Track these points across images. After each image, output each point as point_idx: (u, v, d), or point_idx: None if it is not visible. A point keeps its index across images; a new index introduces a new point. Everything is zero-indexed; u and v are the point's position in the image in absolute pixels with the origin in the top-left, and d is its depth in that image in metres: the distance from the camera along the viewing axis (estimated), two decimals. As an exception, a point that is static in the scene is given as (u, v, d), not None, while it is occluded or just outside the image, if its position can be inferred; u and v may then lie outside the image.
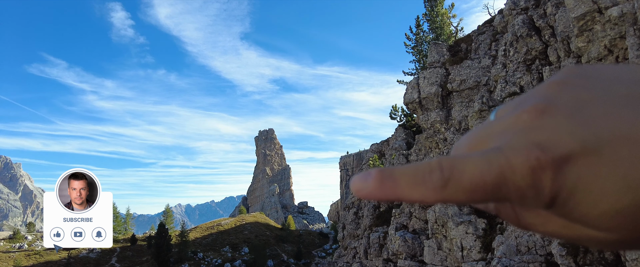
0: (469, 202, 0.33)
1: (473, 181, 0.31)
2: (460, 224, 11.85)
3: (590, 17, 9.45)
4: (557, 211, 0.33)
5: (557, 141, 0.31)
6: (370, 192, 0.33)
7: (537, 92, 0.36)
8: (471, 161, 0.32)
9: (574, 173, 0.30)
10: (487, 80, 16.16)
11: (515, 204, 0.34)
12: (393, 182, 0.32)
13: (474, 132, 0.38)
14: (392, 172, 0.33)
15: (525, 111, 0.34)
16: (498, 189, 0.31)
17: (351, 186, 0.34)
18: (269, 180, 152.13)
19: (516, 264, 9.12)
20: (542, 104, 0.34)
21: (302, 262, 65.92)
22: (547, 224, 0.35)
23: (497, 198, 0.32)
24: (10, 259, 57.68)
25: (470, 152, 0.34)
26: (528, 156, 0.31)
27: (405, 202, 0.33)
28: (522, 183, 0.31)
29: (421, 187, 0.32)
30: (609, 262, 7.71)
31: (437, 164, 0.32)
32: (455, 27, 29.87)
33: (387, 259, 16.61)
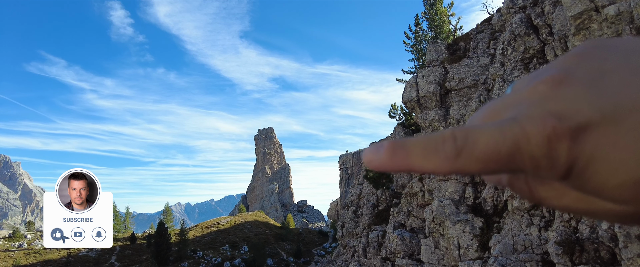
0: (482, 172, 0.32)
1: (487, 151, 0.31)
2: (457, 223, 11.86)
3: (587, 15, 9.44)
4: (573, 183, 0.32)
5: (575, 110, 0.31)
6: (382, 163, 0.33)
7: (555, 64, 0.36)
8: (485, 131, 0.31)
9: (591, 143, 0.30)
10: (486, 79, 16.15)
11: (529, 175, 0.34)
12: (405, 152, 0.32)
13: (490, 105, 0.37)
14: (404, 142, 0.33)
15: (542, 82, 0.34)
16: (512, 158, 0.31)
17: (363, 157, 0.34)
18: (269, 179, 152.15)
19: (513, 263, 9.12)
20: (559, 74, 0.34)
21: (302, 261, 65.98)
22: (561, 197, 0.35)
23: (511, 168, 0.31)
24: (9, 257, 57.71)
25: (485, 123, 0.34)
26: (544, 125, 0.30)
27: (417, 172, 0.33)
28: (537, 153, 0.30)
29: (434, 157, 0.32)
30: (605, 261, 7.72)
31: (450, 134, 0.32)
32: (454, 25, 29.86)
33: (385, 257, 16.62)
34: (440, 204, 12.75)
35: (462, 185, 13.58)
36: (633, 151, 0.29)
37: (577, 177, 0.31)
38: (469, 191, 13.30)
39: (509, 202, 10.65)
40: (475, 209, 12.46)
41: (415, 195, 16.42)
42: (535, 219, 9.99)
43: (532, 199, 0.37)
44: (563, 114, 0.31)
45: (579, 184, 0.32)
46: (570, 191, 0.34)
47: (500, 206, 11.83)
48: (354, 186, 31.47)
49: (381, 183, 24.08)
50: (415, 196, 16.53)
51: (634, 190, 0.30)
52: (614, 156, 0.29)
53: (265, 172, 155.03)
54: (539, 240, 9.52)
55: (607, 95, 0.31)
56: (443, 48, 19.50)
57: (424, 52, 30.31)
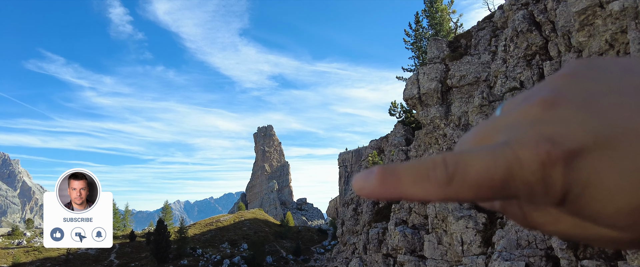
0: (474, 200, 0.31)
1: (479, 177, 0.29)
2: (460, 219, 11.87)
3: (591, 11, 9.43)
4: (568, 209, 0.31)
5: (568, 134, 0.29)
6: (372, 191, 0.32)
7: (545, 85, 0.34)
8: (477, 156, 0.30)
9: (587, 168, 0.29)
10: (487, 76, 16.14)
11: (524, 201, 0.32)
12: (396, 179, 0.31)
13: (479, 128, 0.36)
14: (394, 169, 0.32)
15: (533, 104, 0.32)
16: (506, 185, 0.29)
17: (353, 185, 0.33)
18: (268, 176, 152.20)
19: (516, 258, 9.14)
20: (550, 96, 0.32)
21: (301, 259, 66.04)
22: (556, 223, 0.33)
23: (505, 195, 0.30)
24: (9, 255, 57.68)
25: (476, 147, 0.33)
26: (537, 149, 0.29)
27: (408, 200, 0.32)
28: (532, 178, 0.29)
29: (425, 184, 0.30)
30: (609, 256, 7.73)
31: (441, 160, 0.31)
32: (455, 22, 29.84)
33: (387, 254, 16.65)
34: (443, 200, 12.75)
35: (464, 181, 13.47)
36: (629, 176, 0.28)
37: (573, 203, 0.30)
38: (471, 188, 13.18)
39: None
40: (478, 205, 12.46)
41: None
42: (538, 214, 9.99)
43: (526, 224, 0.36)
44: (556, 138, 0.30)
45: (575, 210, 0.31)
46: (567, 217, 0.32)
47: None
48: (354, 183, 31.45)
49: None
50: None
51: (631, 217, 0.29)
52: (610, 181, 0.28)
53: (264, 170, 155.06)
54: (543, 235, 9.53)
55: (601, 117, 0.29)
56: (444, 45, 19.48)
57: (424, 50, 30.29)
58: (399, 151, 21.43)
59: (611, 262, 7.62)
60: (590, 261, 7.77)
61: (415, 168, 0.31)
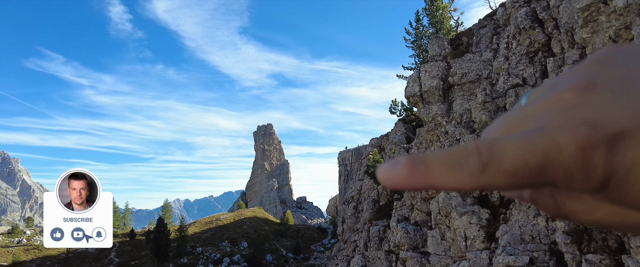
0: (509, 188, 0.30)
1: (515, 164, 0.29)
2: (463, 215, 11.90)
3: (595, 7, 9.45)
4: (608, 195, 0.30)
5: (609, 118, 0.29)
6: (400, 181, 0.31)
7: (577, 71, 0.34)
8: (511, 143, 0.29)
9: (631, 152, 0.28)
10: (489, 74, 16.17)
11: (560, 189, 0.31)
12: (425, 169, 0.30)
13: (506, 117, 0.35)
14: (423, 158, 0.31)
15: (568, 89, 0.32)
16: (543, 171, 0.29)
17: (379, 175, 0.32)
18: (268, 175, 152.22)
19: (520, 253, 9.17)
20: (585, 81, 0.32)
21: (301, 257, 66.10)
22: (593, 212, 0.33)
23: (541, 182, 0.30)
24: (9, 253, 57.66)
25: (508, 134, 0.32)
26: (576, 134, 0.29)
27: (438, 190, 0.31)
28: (571, 164, 0.28)
29: (457, 172, 0.30)
30: (613, 250, 7.76)
31: (474, 147, 0.30)
32: (456, 20, 29.85)
33: (389, 250, 16.69)
34: (446, 196, 12.79)
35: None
36: None
37: (614, 189, 0.29)
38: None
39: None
40: (482, 201, 12.51)
41: (418, 189, 16.43)
42: (542, 210, 10.03)
43: (558, 214, 0.34)
44: (596, 122, 0.29)
45: (616, 196, 0.30)
46: (604, 204, 0.32)
47: (507, 198, 11.89)
48: (355, 181, 31.52)
49: (382, 178, 24.11)
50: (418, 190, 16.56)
51: None
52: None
53: (264, 169, 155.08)
54: (546, 230, 9.57)
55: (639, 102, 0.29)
56: (446, 43, 19.50)
57: (425, 48, 30.31)
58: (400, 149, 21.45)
59: (615, 256, 7.65)
60: (594, 255, 7.81)
61: (446, 156, 0.31)
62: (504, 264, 9.05)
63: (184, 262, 55.72)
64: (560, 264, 8.79)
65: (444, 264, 12.47)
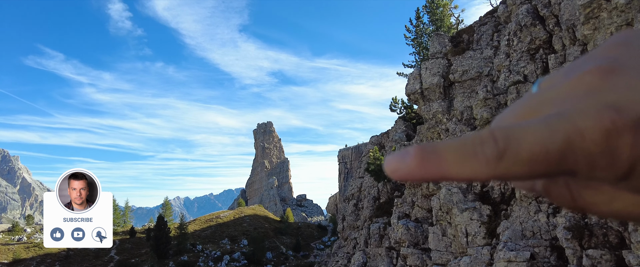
0: (526, 177, 0.28)
1: (533, 151, 0.27)
2: (464, 211, 11.94)
3: (596, 4, 9.46)
4: (631, 184, 0.29)
5: (635, 101, 0.27)
6: (409, 172, 0.29)
7: (596, 55, 0.32)
8: (530, 129, 0.28)
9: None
10: (489, 71, 16.19)
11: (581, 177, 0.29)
12: (437, 158, 0.29)
13: (518, 104, 0.34)
14: (435, 147, 0.29)
15: (588, 73, 0.30)
16: (563, 159, 0.27)
17: (386, 167, 0.30)
18: (268, 173, 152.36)
19: (522, 249, 9.20)
20: (608, 64, 0.30)
21: (301, 254, 66.25)
22: (611, 202, 0.31)
23: (561, 171, 0.28)
24: (9, 251, 57.79)
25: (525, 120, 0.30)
26: (600, 118, 0.27)
27: (452, 180, 0.29)
28: (594, 150, 0.27)
29: (472, 162, 0.28)
30: (614, 246, 7.80)
31: (490, 134, 0.28)
32: (456, 18, 29.85)
33: (390, 247, 16.74)
34: (447, 192, 12.83)
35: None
36: None
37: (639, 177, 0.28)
38: (474, 181, 13.31)
39: (516, 189, 10.75)
40: (483, 197, 12.54)
41: (419, 185, 16.51)
42: (543, 205, 10.08)
43: (574, 206, 0.33)
44: (621, 105, 0.27)
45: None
46: (624, 194, 0.30)
47: (508, 194, 11.92)
48: (355, 179, 31.56)
49: (382, 176, 24.17)
50: (419, 187, 16.62)
51: None
52: None
53: (264, 167, 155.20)
54: (547, 226, 9.60)
55: None
56: (446, 40, 19.51)
57: (425, 45, 30.32)
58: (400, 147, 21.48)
59: (616, 252, 7.69)
60: (594, 250, 7.85)
61: (459, 145, 0.29)
62: (505, 259, 9.09)
63: (184, 260, 55.84)
64: (561, 260, 8.83)
65: (445, 260, 12.52)
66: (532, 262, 8.87)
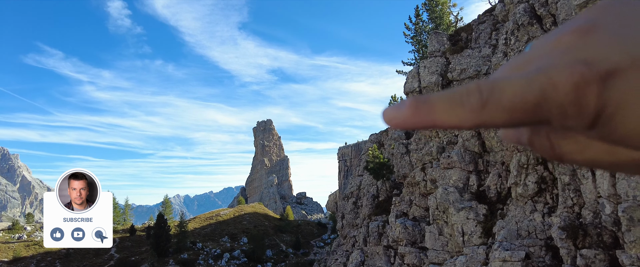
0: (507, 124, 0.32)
1: (513, 101, 0.30)
2: (461, 210, 11.98)
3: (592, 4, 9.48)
4: (600, 132, 0.31)
5: (604, 56, 0.30)
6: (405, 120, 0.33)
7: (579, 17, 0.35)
8: (511, 82, 0.31)
9: (621, 87, 0.29)
10: (488, 70, 16.21)
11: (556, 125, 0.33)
12: (429, 107, 0.32)
13: (510, 62, 0.37)
14: (427, 98, 0.33)
15: (567, 32, 0.34)
16: (539, 108, 0.30)
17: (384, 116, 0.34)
18: (268, 171, 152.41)
19: (517, 248, 9.25)
20: (585, 24, 0.33)
21: (301, 252, 66.35)
22: (584, 151, 0.34)
23: (538, 119, 0.31)
24: (9, 249, 57.89)
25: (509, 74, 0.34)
26: (572, 72, 0.30)
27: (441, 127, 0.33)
28: (565, 100, 0.30)
29: (458, 110, 0.31)
30: (608, 245, 7.85)
31: (476, 86, 0.32)
32: (455, 16, 29.84)
33: (388, 246, 16.79)
34: (444, 192, 12.87)
35: (466, 173, 13.71)
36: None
37: (605, 125, 0.31)
38: (472, 179, 13.44)
39: (512, 189, 10.78)
40: (479, 197, 12.58)
41: (417, 184, 16.55)
42: (538, 205, 10.12)
43: (553, 155, 0.36)
44: (591, 60, 0.30)
45: (606, 132, 0.31)
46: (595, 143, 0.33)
47: (504, 193, 11.96)
48: (354, 177, 31.61)
49: (381, 174, 24.21)
50: (417, 186, 16.66)
51: None
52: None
53: (264, 165, 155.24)
54: (542, 225, 9.65)
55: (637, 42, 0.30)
56: (445, 39, 19.52)
57: (424, 43, 30.31)
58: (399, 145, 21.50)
59: (609, 251, 7.74)
60: (588, 250, 7.90)
61: (448, 96, 0.32)
62: (501, 259, 9.14)
63: (184, 258, 55.93)
64: (556, 259, 8.89)
65: (441, 259, 12.58)
66: (527, 261, 8.92)
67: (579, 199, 8.77)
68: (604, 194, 8.08)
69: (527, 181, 10.31)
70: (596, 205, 8.33)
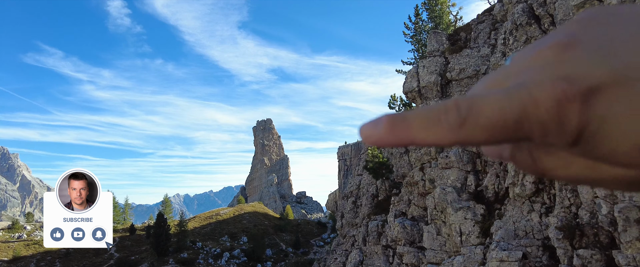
0: (487, 143, 0.31)
1: (492, 118, 0.29)
2: (459, 210, 12.01)
3: (589, 4, 9.50)
4: (582, 149, 0.31)
5: (585, 73, 0.30)
6: (380, 138, 0.32)
7: (559, 31, 0.34)
8: (490, 98, 0.30)
9: (603, 104, 0.29)
10: (487, 69, 16.23)
11: (536, 143, 0.32)
12: (405, 125, 0.31)
13: (489, 77, 0.36)
14: (403, 115, 0.32)
15: (548, 47, 0.33)
16: (520, 126, 0.29)
17: (361, 133, 0.33)
18: (268, 170, 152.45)
19: (514, 248, 9.28)
20: (565, 39, 0.32)
21: (301, 251, 66.41)
22: (568, 167, 0.33)
23: (518, 136, 0.30)
24: (9, 249, 57.93)
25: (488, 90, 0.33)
26: (553, 88, 0.29)
27: (419, 145, 0.32)
28: (546, 117, 0.29)
29: (436, 128, 0.30)
30: (605, 245, 7.88)
31: (453, 104, 0.31)
32: (455, 15, 29.85)
33: (386, 245, 16.82)
34: (442, 192, 12.90)
35: (464, 173, 13.75)
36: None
37: (587, 142, 0.30)
38: (470, 179, 13.48)
39: (510, 189, 10.81)
40: (477, 197, 12.61)
41: (416, 184, 16.57)
42: (536, 205, 10.15)
43: (536, 171, 0.35)
44: (573, 76, 0.30)
45: (589, 149, 0.30)
46: (578, 159, 0.32)
47: (502, 194, 11.99)
48: (354, 176, 31.65)
49: (381, 174, 24.23)
50: (416, 185, 16.69)
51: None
52: (626, 118, 0.28)
53: (263, 164, 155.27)
54: (539, 225, 9.68)
55: (618, 56, 0.30)
56: (444, 38, 19.53)
57: (424, 42, 30.30)
58: (399, 144, 21.56)
59: (606, 251, 7.78)
60: (585, 250, 7.93)
61: (425, 113, 0.31)
62: (498, 259, 9.17)
63: (184, 257, 55.97)
64: (553, 259, 8.92)
65: (439, 259, 12.61)
66: (524, 261, 8.95)
67: (576, 199, 8.81)
68: (600, 194, 8.12)
69: (524, 181, 10.35)
70: (593, 205, 8.36)
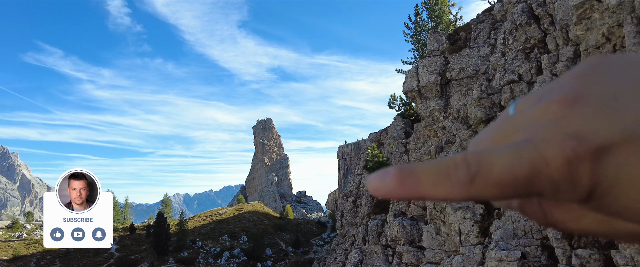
0: (497, 198, 0.31)
1: (503, 176, 0.29)
2: (458, 210, 12.05)
3: (588, 5, 9.52)
4: (594, 205, 0.31)
5: (594, 131, 0.29)
6: (389, 192, 0.31)
7: (562, 83, 0.34)
8: (500, 154, 0.30)
9: (614, 164, 0.28)
10: (486, 69, 16.24)
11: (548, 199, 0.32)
12: (414, 179, 0.31)
13: (494, 127, 0.36)
14: (412, 169, 0.31)
15: (554, 102, 0.32)
16: (530, 183, 0.29)
17: (368, 186, 0.33)
18: (267, 169, 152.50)
19: (513, 248, 9.32)
20: (571, 94, 0.32)
21: (301, 251, 66.46)
22: (579, 220, 0.33)
23: (528, 193, 0.30)
24: (9, 248, 57.96)
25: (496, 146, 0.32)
26: (563, 147, 0.29)
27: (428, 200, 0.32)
28: (557, 176, 0.29)
29: (446, 184, 0.30)
30: (603, 245, 7.91)
31: (463, 159, 0.30)
32: (455, 15, 29.87)
33: (386, 245, 16.86)
34: (441, 192, 12.91)
35: (463, 173, 13.67)
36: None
37: (599, 199, 0.30)
38: (469, 179, 13.39)
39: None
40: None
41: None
42: (535, 205, 10.17)
43: (546, 222, 0.35)
44: (582, 135, 0.29)
45: (601, 206, 0.30)
46: (591, 213, 0.32)
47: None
48: (354, 176, 31.68)
49: (381, 173, 24.23)
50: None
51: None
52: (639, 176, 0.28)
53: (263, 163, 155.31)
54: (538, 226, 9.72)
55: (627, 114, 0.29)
56: (444, 38, 19.55)
57: (424, 42, 30.31)
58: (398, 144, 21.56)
59: (604, 251, 7.81)
60: (584, 250, 7.96)
61: (435, 168, 0.31)
62: (497, 259, 9.20)
63: (184, 256, 56.01)
64: (551, 259, 8.95)
65: (438, 259, 12.65)
66: (523, 261, 8.99)
67: (575, 199, 8.78)
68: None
69: (524, 181, 10.35)
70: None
